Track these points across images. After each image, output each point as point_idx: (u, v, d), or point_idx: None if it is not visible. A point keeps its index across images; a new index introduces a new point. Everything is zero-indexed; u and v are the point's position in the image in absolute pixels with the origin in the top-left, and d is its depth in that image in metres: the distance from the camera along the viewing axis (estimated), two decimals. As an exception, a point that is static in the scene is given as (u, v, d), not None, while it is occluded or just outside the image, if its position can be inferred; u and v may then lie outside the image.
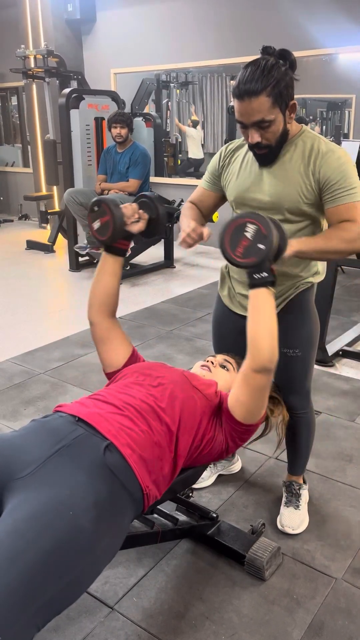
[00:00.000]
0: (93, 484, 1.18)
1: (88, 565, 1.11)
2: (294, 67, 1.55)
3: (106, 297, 1.66)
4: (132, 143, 4.86)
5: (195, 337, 3.76)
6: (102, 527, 1.14)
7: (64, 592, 1.07)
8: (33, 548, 1.03)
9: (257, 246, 1.36)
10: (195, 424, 1.43)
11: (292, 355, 1.80)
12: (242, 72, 1.52)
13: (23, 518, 1.09)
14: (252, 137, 1.57)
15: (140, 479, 1.26)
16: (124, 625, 1.58)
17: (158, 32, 6.40)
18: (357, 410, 2.77)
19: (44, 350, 3.54)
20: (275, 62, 1.50)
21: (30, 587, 1.00)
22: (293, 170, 1.62)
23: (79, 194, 4.91)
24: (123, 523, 1.24)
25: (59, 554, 1.04)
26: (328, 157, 1.58)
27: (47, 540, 1.05)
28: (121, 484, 1.23)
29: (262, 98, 1.49)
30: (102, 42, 6.91)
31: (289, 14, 5.48)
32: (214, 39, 6.05)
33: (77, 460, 1.22)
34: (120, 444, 1.27)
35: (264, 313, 1.41)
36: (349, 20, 5.20)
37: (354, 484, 2.19)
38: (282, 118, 1.55)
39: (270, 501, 2.10)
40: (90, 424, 1.30)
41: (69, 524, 1.08)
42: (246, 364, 1.44)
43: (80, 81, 6.28)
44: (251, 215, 1.39)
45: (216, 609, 1.63)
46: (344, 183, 1.58)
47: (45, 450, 1.24)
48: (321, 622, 1.59)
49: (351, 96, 6.37)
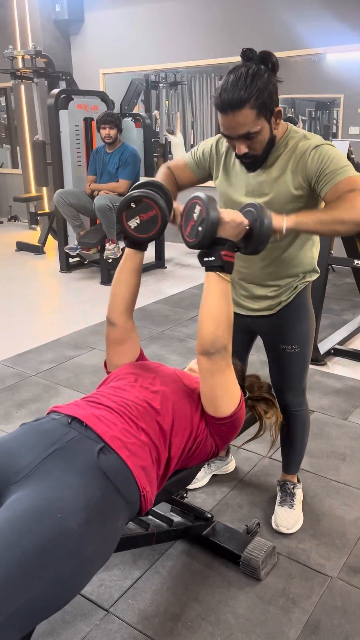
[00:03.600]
0: (85, 486, 1.17)
1: (75, 568, 1.09)
2: (276, 70, 1.51)
3: (130, 296, 1.62)
4: (122, 143, 4.85)
5: (188, 337, 3.75)
6: (92, 530, 1.12)
7: (48, 594, 1.05)
8: (13, 547, 1.02)
9: (198, 228, 1.35)
10: (188, 425, 1.43)
11: (291, 351, 1.81)
12: (223, 82, 1.47)
13: (9, 518, 1.08)
14: (239, 149, 1.55)
15: (138, 481, 1.25)
16: (120, 628, 1.57)
17: (147, 32, 6.40)
18: (350, 408, 2.78)
19: (36, 352, 3.52)
20: (257, 70, 1.46)
21: (7, 586, 0.98)
22: (283, 173, 1.61)
23: (69, 194, 4.89)
24: (116, 526, 1.23)
25: (40, 555, 1.03)
26: (315, 150, 1.55)
27: (28, 541, 1.04)
28: (115, 487, 1.21)
29: (245, 111, 1.45)
30: (91, 43, 6.89)
31: (278, 14, 5.49)
32: (203, 39, 6.05)
33: (70, 463, 1.21)
34: (116, 446, 1.26)
35: (209, 297, 1.40)
36: (337, 20, 5.22)
37: (348, 483, 2.20)
38: (268, 126, 1.52)
39: (264, 501, 2.10)
40: (86, 425, 1.29)
41: (55, 525, 1.07)
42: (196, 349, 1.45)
43: (69, 82, 6.26)
44: (198, 196, 1.36)
45: (212, 610, 1.63)
46: (335, 166, 1.52)
47: (39, 453, 1.23)
48: (317, 621, 1.59)
49: (339, 96, 6.39)
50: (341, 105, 6.41)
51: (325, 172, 1.54)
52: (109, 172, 4.84)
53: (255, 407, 1.78)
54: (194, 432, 1.43)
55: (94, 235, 4.90)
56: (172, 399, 1.43)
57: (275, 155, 1.61)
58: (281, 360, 1.87)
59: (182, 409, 1.42)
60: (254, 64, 1.49)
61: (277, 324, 1.83)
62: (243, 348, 2.01)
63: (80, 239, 4.93)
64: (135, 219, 1.47)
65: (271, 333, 1.86)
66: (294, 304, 1.80)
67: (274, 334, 1.85)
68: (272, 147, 1.58)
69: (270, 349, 1.90)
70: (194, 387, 1.51)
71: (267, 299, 1.80)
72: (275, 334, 1.85)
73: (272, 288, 1.78)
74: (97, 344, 3.63)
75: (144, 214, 1.45)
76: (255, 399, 1.80)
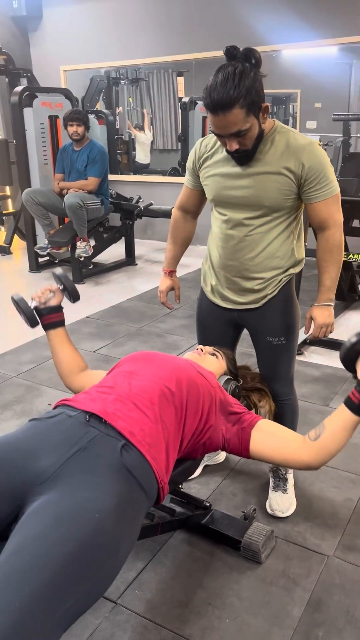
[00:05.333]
0: (114, 486, 1.18)
1: (112, 567, 1.12)
2: (260, 65, 1.55)
3: (69, 365, 1.79)
4: (90, 141, 4.82)
5: (166, 332, 3.79)
6: (123, 528, 1.14)
7: (89, 593, 1.07)
8: (59, 553, 1.02)
9: None
10: (200, 407, 1.47)
11: (278, 343, 1.87)
12: (212, 83, 1.50)
13: (47, 522, 1.08)
14: (230, 146, 1.60)
15: (157, 474, 1.28)
16: (130, 618, 1.60)
17: (107, 28, 6.37)
18: (329, 395, 2.87)
19: (14, 354, 3.49)
20: (243, 69, 1.49)
21: (56, 592, 0.99)
22: (271, 167, 1.66)
23: (38, 193, 4.84)
24: (139, 522, 1.25)
25: (84, 558, 1.04)
26: (309, 150, 1.63)
27: (73, 544, 1.04)
28: (138, 483, 1.23)
29: (235, 110, 1.50)
30: (50, 39, 6.81)
31: (237, 11, 5.56)
32: (164, 36, 6.07)
33: (95, 463, 1.21)
34: (136, 441, 1.27)
35: (348, 437, 1.39)
36: (295, 17, 5.32)
37: (335, 466, 2.28)
38: (257, 122, 1.58)
39: (257, 487, 2.16)
40: (105, 421, 1.30)
41: (94, 527, 1.08)
42: (302, 455, 1.44)
43: (29, 79, 6.17)
44: None
45: (217, 595, 1.68)
46: (323, 178, 1.66)
47: (61, 454, 1.22)
48: (318, 599, 1.66)
49: (296, 91, 6.52)
50: (298, 100, 6.54)
51: (315, 179, 1.66)
52: (78, 170, 4.81)
53: (249, 396, 1.84)
54: (204, 417, 1.47)
55: (65, 233, 4.87)
56: (185, 381, 1.46)
57: (265, 150, 1.66)
58: (269, 352, 1.92)
59: (195, 392, 1.46)
60: (239, 62, 1.52)
61: (263, 317, 1.88)
62: (230, 342, 2.05)
63: (51, 238, 4.89)
64: (21, 314, 1.83)
65: (258, 326, 1.91)
66: (279, 296, 1.85)
67: (260, 326, 1.91)
68: (260, 140, 1.64)
69: (257, 342, 1.96)
70: (204, 374, 1.55)
71: (253, 292, 1.85)
72: (262, 326, 1.90)
73: (258, 281, 1.83)
74: (75, 343, 3.55)
75: (20, 313, 1.84)
76: (249, 389, 1.86)
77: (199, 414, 1.45)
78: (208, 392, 1.51)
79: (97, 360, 3.35)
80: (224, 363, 1.77)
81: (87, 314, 4.16)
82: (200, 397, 1.47)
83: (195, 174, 1.87)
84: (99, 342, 3.65)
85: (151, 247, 6.37)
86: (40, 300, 1.81)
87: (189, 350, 3.56)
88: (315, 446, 1.41)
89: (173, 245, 2.10)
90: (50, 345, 1.84)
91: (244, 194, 1.71)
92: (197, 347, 1.81)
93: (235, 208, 1.76)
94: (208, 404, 1.49)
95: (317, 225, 1.78)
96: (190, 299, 4.52)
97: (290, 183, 1.67)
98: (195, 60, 6.14)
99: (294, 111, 6.71)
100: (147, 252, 6.09)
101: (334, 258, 1.79)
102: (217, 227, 1.86)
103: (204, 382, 1.51)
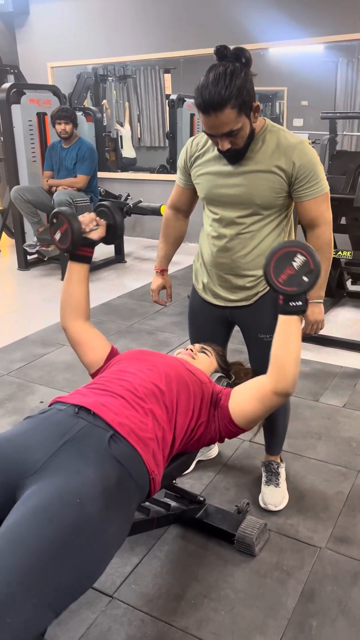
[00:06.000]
0: (101, 473, 1.21)
1: (98, 551, 1.15)
2: (250, 65, 1.56)
3: (76, 304, 1.72)
4: (78, 138, 4.81)
5: (157, 330, 3.80)
6: (110, 514, 1.17)
7: (76, 576, 1.10)
8: (39, 536, 1.07)
9: (302, 278, 1.39)
10: (191, 406, 1.48)
11: (269, 340, 1.86)
12: (203, 83, 1.51)
13: (31, 508, 1.12)
14: (222, 145, 1.61)
15: (147, 465, 1.30)
16: (126, 612, 1.62)
17: (95, 25, 6.35)
18: (319, 390, 2.91)
19: (4, 352, 3.49)
20: (234, 68, 1.50)
21: (36, 570, 1.03)
22: (263, 165, 1.68)
23: (26, 191, 4.82)
24: (130, 510, 1.28)
25: (64, 542, 1.08)
26: (299, 149, 1.66)
27: (52, 529, 1.08)
28: (128, 472, 1.26)
29: (227, 111, 1.51)
30: (37, 36, 6.77)
31: (225, 9, 5.57)
32: (152, 33, 6.06)
33: (83, 452, 1.24)
34: (125, 432, 1.30)
35: (295, 341, 1.44)
36: (282, 16, 5.35)
37: (326, 460, 2.32)
38: (249, 122, 1.59)
39: (249, 482, 2.19)
40: (94, 413, 1.33)
41: (76, 512, 1.11)
42: (267, 385, 1.47)
43: (16, 75, 6.14)
44: (302, 246, 1.42)
45: (212, 588, 1.70)
46: (313, 176, 1.68)
47: (50, 445, 1.25)
48: (312, 590, 1.69)
49: (283, 88, 6.56)
50: (285, 97, 6.58)
51: (305, 177, 1.68)
52: (67, 167, 4.80)
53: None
54: (196, 414, 1.49)
55: (54, 231, 4.86)
56: (175, 380, 1.48)
57: (256, 149, 1.68)
58: (260, 348, 1.94)
59: (185, 390, 1.48)
60: (230, 62, 1.53)
61: (254, 314, 1.90)
62: (222, 339, 2.07)
63: (40, 236, 4.88)
64: (57, 232, 1.68)
65: (249, 323, 1.94)
66: (270, 293, 1.87)
67: (252, 324, 1.93)
68: (252, 138, 1.65)
69: (249, 339, 1.98)
70: (193, 371, 1.56)
71: (245, 290, 1.87)
72: (254, 324, 1.92)
73: (250, 278, 1.85)
74: (66, 341, 3.54)
75: (61, 227, 1.67)
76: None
77: (190, 412, 1.47)
78: (199, 388, 1.53)
79: (88, 358, 3.35)
80: (214, 360, 1.79)
81: (77, 312, 4.16)
82: (190, 395, 1.49)
83: (187, 172, 1.88)
84: (89, 339, 3.65)
85: (140, 244, 6.37)
86: (86, 227, 1.67)
87: (180, 348, 3.59)
88: (272, 370, 1.46)
89: (165, 245, 2.12)
90: (69, 278, 1.72)
91: (236, 192, 1.73)
92: (187, 347, 1.82)
93: (227, 206, 1.78)
94: (199, 400, 1.51)
95: (307, 223, 1.80)
96: (181, 296, 4.54)
97: (281, 181, 1.69)
98: (184, 57, 6.14)
99: (280, 109, 6.74)
100: (136, 249, 6.09)
101: (324, 255, 1.81)
102: (208, 225, 1.88)
103: (193, 379, 1.53)
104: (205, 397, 1.54)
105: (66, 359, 3.34)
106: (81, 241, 1.67)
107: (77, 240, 1.65)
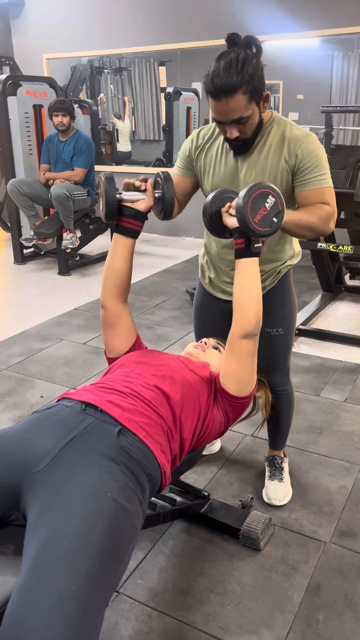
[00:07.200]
0: (117, 466, 1.20)
1: (134, 542, 1.16)
2: (261, 53, 1.55)
3: (118, 281, 1.65)
4: (75, 131, 4.77)
5: (155, 324, 3.79)
6: (135, 506, 1.17)
7: (122, 570, 1.11)
8: (95, 532, 1.05)
9: (272, 219, 1.41)
10: (197, 407, 1.48)
11: (275, 334, 1.88)
12: (214, 68, 1.49)
13: (65, 509, 1.09)
14: (230, 133, 1.59)
15: (158, 458, 1.29)
16: (133, 607, 1.62)
17: (90, 17, 6.29)
18: (320, 385, 2.91)
19: (2, 346, 3.47)
20: (246, 55, 1.49)
21: (102, 571, 1.02)
22: (269, 158, 1.67)
23: (23, 184, 4.78)
24: (145, 501, 1.27)
25: (116, 535, 1.07)
26: (305, 141, 1.63)
27: (104, 524, 1.07)
28: (139, 465, 1.25)
29: (238, 96, 1.49)
30: (33, 27, 6.70)
31: (221, 2, 5.54)
32: (148, 25, 6.02)
33: (93, 447, 1.23)
34: (133, 427, 1.29)
35: (254, 281, 1.49)
36: (278, 9, 5.32)
37: (328, 454, 2.32)
38: (258, 110, 1.58)
39: (253, 477, 2.19)
40: (101, 410, 1.31)
41: (112, 505, 1.10)
42: (232, 332, 1.50)
43: (12, 67, 6.09)
44: (272, 187, 1.42)
45: (218, 582, 1.70)
46: (317, 168, 1.65)
47: (57, 442, 1.23)
48: (317, 584, 1.70)
49: (278, 82, 6.53)
50: (280, 91, 6.56)
51: (307, 168, 1.64)
52: (64, 160, 4.76)
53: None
54: (202, 414, 1.48)
55: (51, 225, 4.83)
56: (180, 382, 1.47)
57: (263, 141, 1.67)
58: (266, 342, 1.93)
59: (190, 392, 1.47)
60: (242, 49, 1.52)
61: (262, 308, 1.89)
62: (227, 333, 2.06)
63: (37, 229, 4.84)
64: (100, 200, 1.58)
65: None
66: (277, 288, 1.87)
67: None
68: (259, 129, 1.64)
69: None
70: (198, 371, 1.56)
71: None
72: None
73: None
74: (65, 335, 3.61)
75: (100, 194, 1.57)
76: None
77: (196, 414, 1.46)
78: (203, 387, 1.52)
79: (87, 352, 3.34)
80: None
81: (75, 306, 4.15)
82: (195, 396, 1.48)
83: (190, 162, 1.85)
84: (88, 334, 3.63)
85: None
86: (122, 192, 1.56)
87: (179, 342, 3.60)
88: (236, 315, 1.49)
89: None
90: (113, 252, 1.63)
91: (243, 186, 1.71)
92: (201, 340, 1.81)
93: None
94: (205, 399, 1.50)
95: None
96: (178, 290, 4.53)
97: (287, 175, 1.68)
98: (180, 50, 6.10)
99: (275, 103, 6.72)
100: (132, 243, 6.06)
101: (313, 214, 1.63)
102: None
103: (197, 379, 1.52)
104: (209, 393, 1.53)
105: (65, 353, 3.33)
106: (115, 208, 1.54)
107: (111, 205, 1.52)
